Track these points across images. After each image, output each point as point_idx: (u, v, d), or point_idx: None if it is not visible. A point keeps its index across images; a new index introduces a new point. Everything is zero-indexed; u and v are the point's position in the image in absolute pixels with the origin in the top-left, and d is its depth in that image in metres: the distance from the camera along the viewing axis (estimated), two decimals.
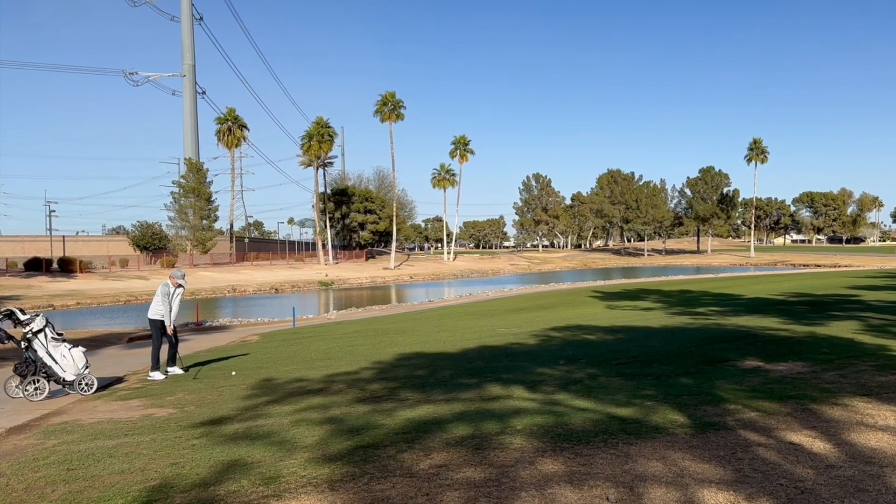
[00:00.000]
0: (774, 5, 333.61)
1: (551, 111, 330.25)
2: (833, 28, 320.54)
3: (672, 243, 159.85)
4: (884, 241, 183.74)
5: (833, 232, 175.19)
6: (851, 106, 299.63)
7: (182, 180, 74.48)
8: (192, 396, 9.66)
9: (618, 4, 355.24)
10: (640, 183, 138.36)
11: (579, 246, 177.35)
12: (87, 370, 10.82)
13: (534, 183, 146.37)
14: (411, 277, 75.87)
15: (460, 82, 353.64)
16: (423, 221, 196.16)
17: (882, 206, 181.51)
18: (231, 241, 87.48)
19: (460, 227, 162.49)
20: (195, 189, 72.70)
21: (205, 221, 73.77)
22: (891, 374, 8.00)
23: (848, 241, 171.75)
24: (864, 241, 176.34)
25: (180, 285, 12.83)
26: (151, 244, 75.45)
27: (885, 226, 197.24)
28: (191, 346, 18.34)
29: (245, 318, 32.36)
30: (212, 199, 75.24)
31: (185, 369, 12.98)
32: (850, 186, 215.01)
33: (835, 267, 74.53)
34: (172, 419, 7.96)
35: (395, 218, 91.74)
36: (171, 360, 12.81)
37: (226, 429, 7.04)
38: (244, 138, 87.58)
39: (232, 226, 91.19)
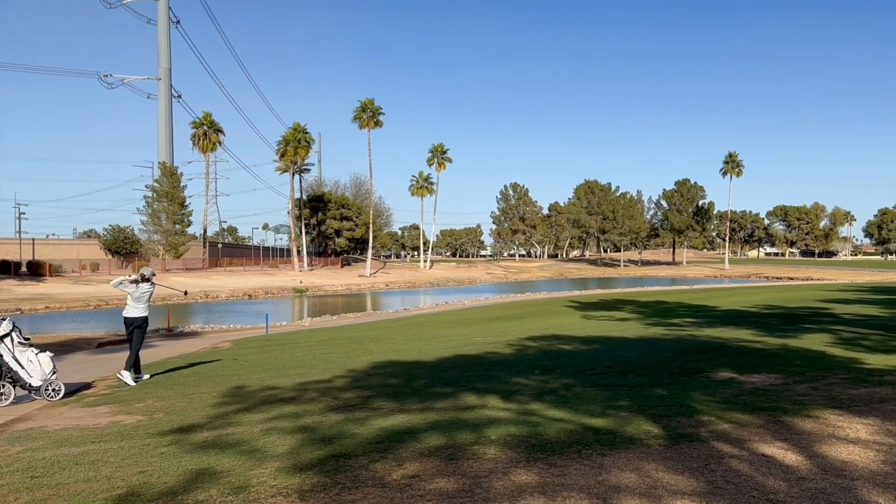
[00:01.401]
0: (750, 20, 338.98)
1: (529, 121, 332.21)
2: (808, 43, 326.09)
3: (648, 254, 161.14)
4: (855, 255, 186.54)
5: (806, 245, 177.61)
6: (826, 121, 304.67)
7: (156, 184, 73.70)
8: (162, 403, 9.51)
9: (595, 16, 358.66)
10: (617, 194, 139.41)
11: (556, 256, 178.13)
12: (55, 375, 10.61)
13: (511, 192, 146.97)
14: (387, 285, 75.65)
15: (439, 91, 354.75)
16: (399, 229, 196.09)
17: (854, 220, 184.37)
18: (204, 247, 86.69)
19: (437, 236, 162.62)
20: (169, 193, 71.97)
21: (178, 226, 73.02)
22: (862, 387, 8.09)
23: (820, 255, 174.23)
24: (836, 254, 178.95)
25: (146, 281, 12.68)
26: (123, 248, 74.59)
27: (856, 240, 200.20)
28: (161, 352, 18.11)
29: (217, 324, 32.05)
30: (185, 203, 74.53)
31: (151, 376, 12.78)
32: (822, 201, 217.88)
33: (807, 280, 75.40)
34: (141, 426, 7.82)
35: (371, 225, 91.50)
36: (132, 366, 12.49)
37: (195, 437, 6.94)
38: (219, 143, 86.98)
39: (205, 231, 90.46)
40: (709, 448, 5.63)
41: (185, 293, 19.18)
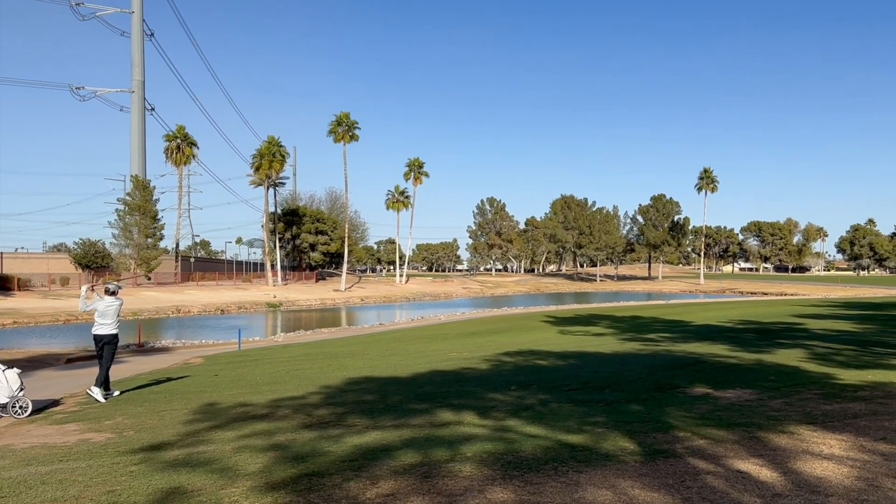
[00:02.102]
0: (723, 37, 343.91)
1: (507, 135, 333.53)
2: (781, 59, 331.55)
3: (624, 269, 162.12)
4: (828, 270, 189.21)
5: (779, 261, 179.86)
6: (799, 137, 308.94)
7: (128, 198, 72.88)
8: (132, 421, 9.34)
9: (570, 32, 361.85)
10: (594, 209, 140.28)
11: (532, 270, 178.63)
12: (22, 392, 10.38)
13: (488, 207, 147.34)
14: (362, 300, 75.31)
15: (416, 105, 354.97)
16: (375, 243, 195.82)
17: (826, 236, 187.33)
18: (176, 261, 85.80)
19: (413, 250, 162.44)
20: (141, 207, 71.20)
21: (150, 240, 72.20)
22: (835, 403, 8.15)
23: (794, 270, 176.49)
24: (809, 270, 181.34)
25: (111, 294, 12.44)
26: (94, 262, 73.46)
27: (829, 255, 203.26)
28: (132, 368, 17.84)
29: (189, 339, 31.70)
30: (158, 217, 73.77)
31: (120, 393, 12.58)
32: (796, 216, 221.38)
33: (781, 295, 76.21)
34: (110, 444, 7.68)
35: (346, 239, 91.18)
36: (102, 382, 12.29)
37: (166, 455, 6.81)
38: (193, 156, 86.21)
39: (178, 245, 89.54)
40: (684, 464, 5.62)
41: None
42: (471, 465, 5.72)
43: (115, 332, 12.44)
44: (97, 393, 11.81)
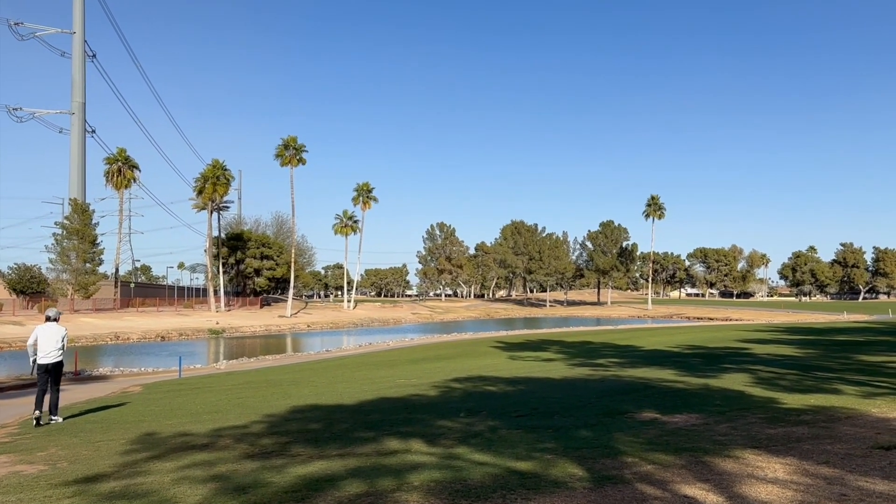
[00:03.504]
0: (667, 68, 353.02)
1: (457, 160, 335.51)
2: (723, 88, 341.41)
3: (573, 294, 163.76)
4: (771, 296, 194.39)
5: (725, 286, 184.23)
6: (743, 165, 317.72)
7: (66, 221, 70.96)
8: (66, 452, 8.99)
9: (518, 57, 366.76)
10: (543, 235, 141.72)
11: (482, 296, 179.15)
12: None
13: (438, 232, 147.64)
14: (308, 326, 74.38)
15: (365, 128, 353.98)
16: (323, 268, 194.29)
17: (769, 262, 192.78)
18: (116, 286, 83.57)
19: (362, 275, 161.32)
20: (79, 231, 69.33)
21: (88, 265, 70.28)
22: (779, 427, 8.26)
23: (738, 296, 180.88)
24: (753, 295, 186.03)
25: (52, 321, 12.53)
26: (29, 288, 71.14)
27: (772, 282, 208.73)
28: (67, 396, 17.19)
29: (128, 367, 30.89)
30: (97, 241, 71.95)
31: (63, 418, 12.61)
32: (740, 243, 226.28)
33: (727, 320, 77.82)
34: (42, 476, 7.38)
35: (293, 264, 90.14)
36: (54, 408, 12.44)
37: (101, 487, 6.57)
38: (134, 179, 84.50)
39: (117, 270, 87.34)
40: (632, 490, 5.60)
41: None
42: (418, 494, 5.62)
43: (59, 360, 12.52)
44: (57, 419, 12.21)
